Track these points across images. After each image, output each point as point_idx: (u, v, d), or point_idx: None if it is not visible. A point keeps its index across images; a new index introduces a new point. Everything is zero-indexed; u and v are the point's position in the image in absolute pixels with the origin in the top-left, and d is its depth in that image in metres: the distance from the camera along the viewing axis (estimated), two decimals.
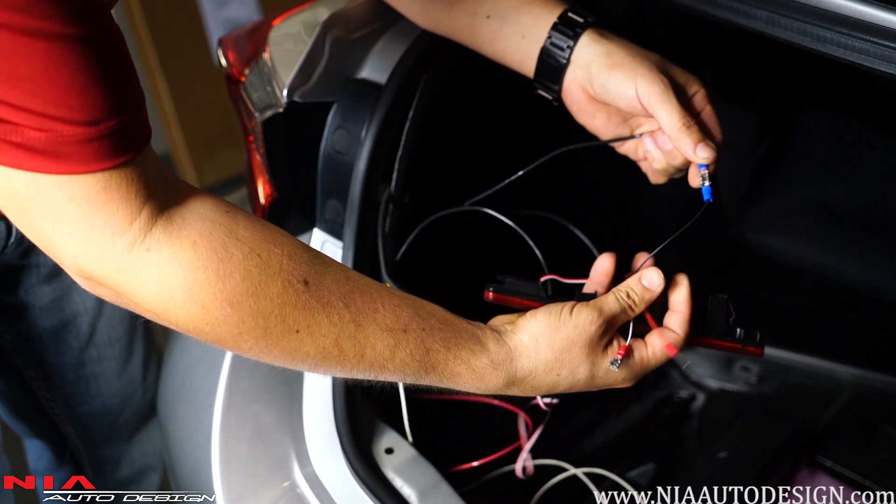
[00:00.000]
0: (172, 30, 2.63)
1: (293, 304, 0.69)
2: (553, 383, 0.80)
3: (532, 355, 0.79)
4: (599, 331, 0.79)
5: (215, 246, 0.66)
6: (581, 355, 0.79)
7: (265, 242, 0.69)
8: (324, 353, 0.71)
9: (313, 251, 0.73)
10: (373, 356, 0.73)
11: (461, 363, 0.77)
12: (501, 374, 0.78)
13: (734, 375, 1.51)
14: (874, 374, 1.43)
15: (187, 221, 0.66)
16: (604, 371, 0.81)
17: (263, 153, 1.06)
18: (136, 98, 0.63)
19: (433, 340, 0.76)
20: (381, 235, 1.00)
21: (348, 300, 0.72)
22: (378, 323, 0.73)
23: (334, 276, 0.72)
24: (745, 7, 0.89)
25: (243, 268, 0.67)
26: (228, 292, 0.66)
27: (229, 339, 0.68)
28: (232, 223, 0.68)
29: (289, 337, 0.69)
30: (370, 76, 1.02)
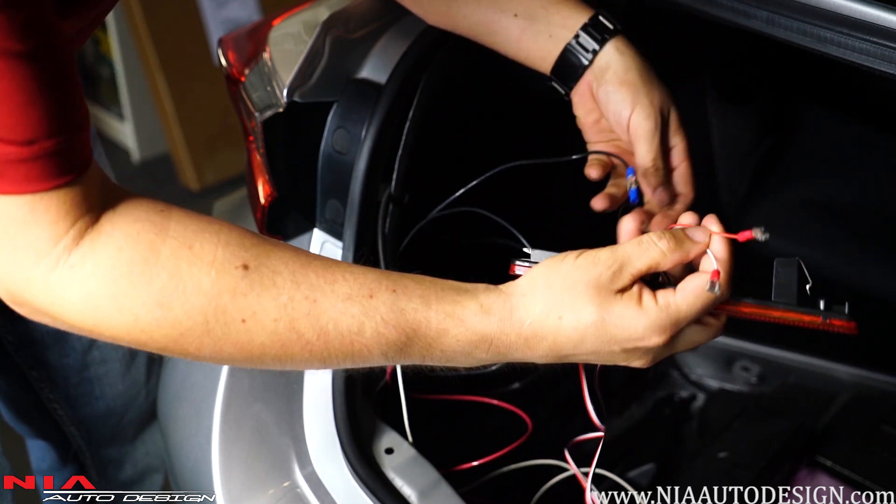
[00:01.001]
0: (172, 30, 2.63)
1: (231, 292, 0.63)
2: (556, 330, 0.68)
3: (528, 295, 0.69)
4: (608, 271, 0.68)
5: (141, 247, 0.62)
6: (585, 297, 0.68)
7: (200, 234, 0.64)
8: (281, 341, 0.65)
9: (259, 236, 0.68)
10: (338, 333, 0.66)
11: (446, 317, 0.67)
12: (494, 320, 0.68)
13: (734, 375, 1.51)
14: (874, 374, 1.43)
15: (116, 227, 0.63)
16: (618, 315, 0.68)
17: (263, 153, 1.06)
18: (79, 119, 0.61)
19: (408, 300, 0.67)
20: (381, 235, 1.00)
21: (298, 277, 0.65)
22: (337, 294, 0.66)
23: (281, 257, 0.66)
24: (745, 7, 0.89)
25: (171, 264, 0.63)
26: (156, 293, 0.62)
27: (171, 343, 0.64)
28: (164, 221, 0.64)
29: (235, 329, 0.64)
30: (370, 76, 1.02)
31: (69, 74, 0.60)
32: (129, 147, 2.96)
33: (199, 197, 2.74)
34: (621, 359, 0.72)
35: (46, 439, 1.38)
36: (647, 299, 0.70)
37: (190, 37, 2.67)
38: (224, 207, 1.40)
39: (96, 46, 2.89)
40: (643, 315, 0.69)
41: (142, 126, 2.91)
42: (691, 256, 0.72)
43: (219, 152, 2.80)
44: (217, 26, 2.69)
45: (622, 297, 0.69)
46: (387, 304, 0.67)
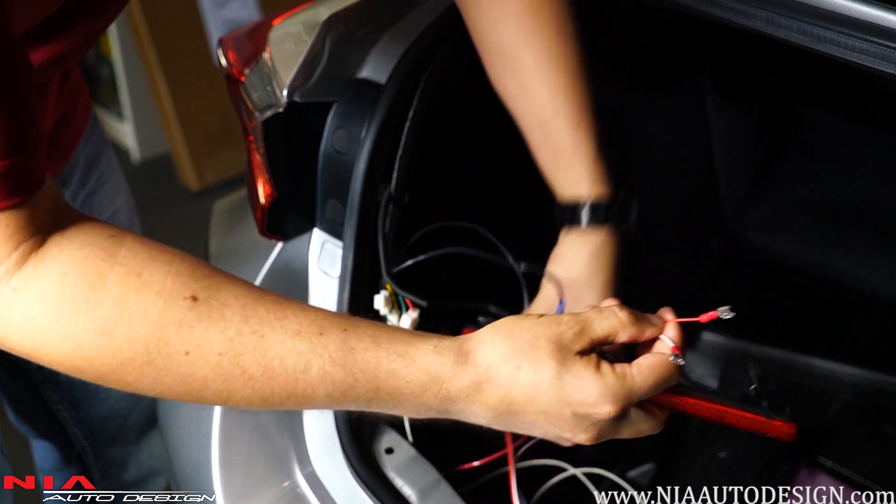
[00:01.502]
0: (172, 30, 2.63)
1: (177, 323, 0.61)
2: (512, 379, 0.66)
3: (487, 342, 0.67)
4: (570, 332, 0.68)
5: (87, 273, 0.61)
6: (547, 350, 0.67)
7: (150, 262, 0.62)
8: (224, 375, 0.63)
9: (212, 268, 0.65)
10: (283, 369, 0.63)
11: (397, 357, 0.65)
12: (448, 362, 0.66)
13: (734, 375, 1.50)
14: (874, 374, 1.43)
15: (63, 251, 0.61)
16: (575, 376, 0.67)
17: (263, 153, 1.06)
18: (32, 140, 0.59)
19: (358, 339, 0.65)
20: (382, 235, 1.00)
21: (248, 311, 0.63)
22: (286, 329, 0.64)
23: (232, 290, 0.64)
24: (745, 7, 0.89)
25: (117, 292, 0.61)
26: (99, 321, 0.60)
27: (110, 373, 0.62)
28: (114, 247, 0.62)
29: (178, 361, 0.62)
30: (370, 76, 1.02)
31: (25, 97, 0.59)
32: (129, 147, 2.96)
33: (199, 197, 2.74)
34: (568, 427, 0.69)
35: (50, 440, 1.38)
36: (605, 366, 0.69)
37: (190, 37, 2.67)
38: (224, 207, 1.39)
39: (96, 46, 2.90)
40: (600, 380, 0.67)
41: (142, 126, 2.91)
42: (646, 336, 0.72)
43: (219, 152, 2.80)
44: (217, 26, 2.69)
45: (581, 358, 0.68)
46: (336, 343, 0.65)
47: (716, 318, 0.72)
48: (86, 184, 1.15)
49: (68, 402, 1.32)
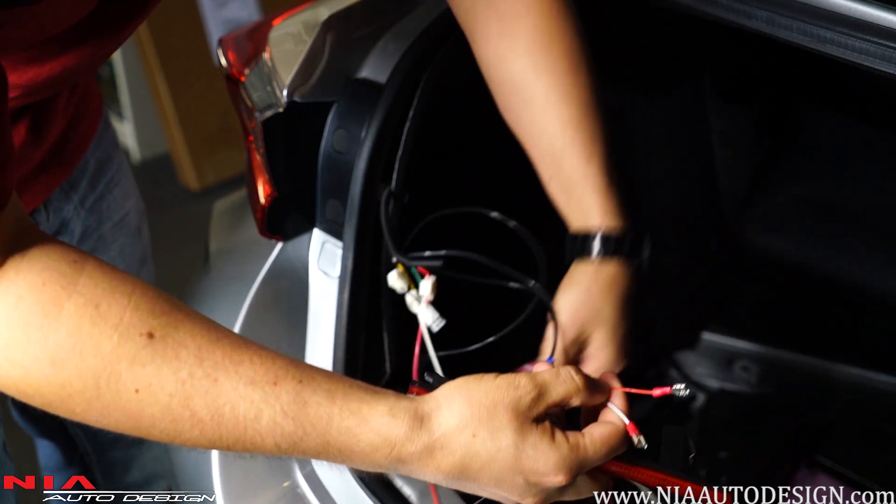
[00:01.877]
0: (172, 30, 2.63)
1: (130, 360, 0.60)
2: (468, 450, 0.65)
3: (443, 406, 0.66)
4: (528, 397, 0.67)
5: (43, 300, 0.59)
6: (504, 418, 0.65)
7: (110, 293, 0.60)
8: (172, 416, 0.61)
9: (174, 304, 0.64)
10: (233, 416, 0.62)
11: (350, 416, 0.64)
12: (402, 426, 0.64)
13: (734, 375, 1.51)
14: (874, 374, 1.43)
15: (21, 275, 0.59)
16: (532, 445, 0.66)
17: (263, 153, 1.06)
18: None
19: (312, 392, 0.63)
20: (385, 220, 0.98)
21: (204, 353, 0.62)
22: (241, 376, 0.62)
23: (191, 330, 0.62)
24: (745, 7, 0.89)
25: (73, 322, 0.59)
26: (50, 350, 0.59)
27: (58, 402, 0.61)
28: (75, 274, 0.60)
29: (126, 398, 0.60)
30: (370, 76, 1.02)
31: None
32: (129, 147, 2.96)
33: (199, 197, 2.74)
34: (517, 492, 0.68)
35: (53, 440, 1.38)
36: (559, 436, 0.68)
37: (190, 37, 2.67)
38: (224, 207, 1.40)
39: None
40: (554, 450, 0.67)
41: (142, 126, 2.91)
42: (595, 401, 0.73)
43: (219, 152, 2.80)
44: (217, 26, 2.69)
45: (537, 427, 0.67)
46: (290, 395, 0.63)
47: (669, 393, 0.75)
48: (95, 188, 1.15)
49: None
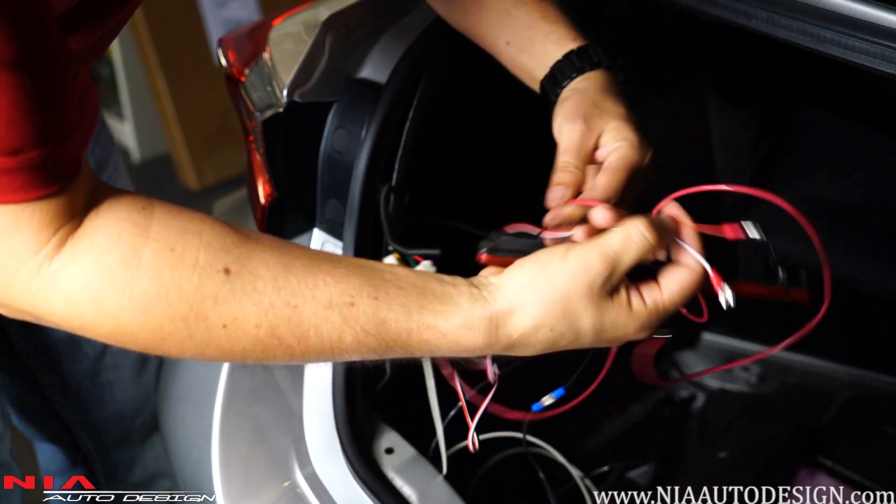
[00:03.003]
0: (172, 30, 2.63)
1: (213, 299, 0.63)
2: (550, 340, 0.68)
3: (518, 310, 0.67)
4: (600, 277, 0.67)
5: (123, 251, 0.62)
6: (580, 306, 0.67)
7: (182, 235, 0.63)
8: (262, 346, 0.65)
9: (242, 234, 0.66)
10: (318, 339, 0.65)
11: (427, 329, 0.67)
12: (479, 335, 0.67)
13: (734, 375, 1.51)
14: (874, 374, 1.44)
15: (99, 230, 0.62)
16: (611, 322, 0.68)
17: (263, 153, 1.06)
18: (67, 129, 0.60)
19: (389, 309, 0.66)
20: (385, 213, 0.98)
21: (281, 282, 0.65)
22: (318, 300, 0.65)
23: (262, 258, 0.65)
24: (745, 7, 0.89)
25: (153, 269, 0.62)
26: (138, 299, 0.62)
27: (153, 345, 0.64)
28: (146, 221, 0.63)
29: (217, 335, 0.64)
30: (370, 76, 1.02)
31: (61, 85, 0.60)
32: (129, 147, 2.96)
33: (199, 197, 2.74)
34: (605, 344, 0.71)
35: (56, 442, 1.38)
36: (637, 302, 0.69)
37: (190, 37, 2.67)
38: (224, 207, 1.40)
39: None
40: (633, 319, 0.69)
41: (142, 126, 2.91)
42: (668, 243, 0.72)
43: (219, 152, 2.80)
44: (217, 26, 2.69)
45: (613, 301, 0.68)
46: (367, 314, 0.66)
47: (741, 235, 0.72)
48: None
49: (76, 405, 1.32)
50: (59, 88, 0.59)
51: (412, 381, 1.04)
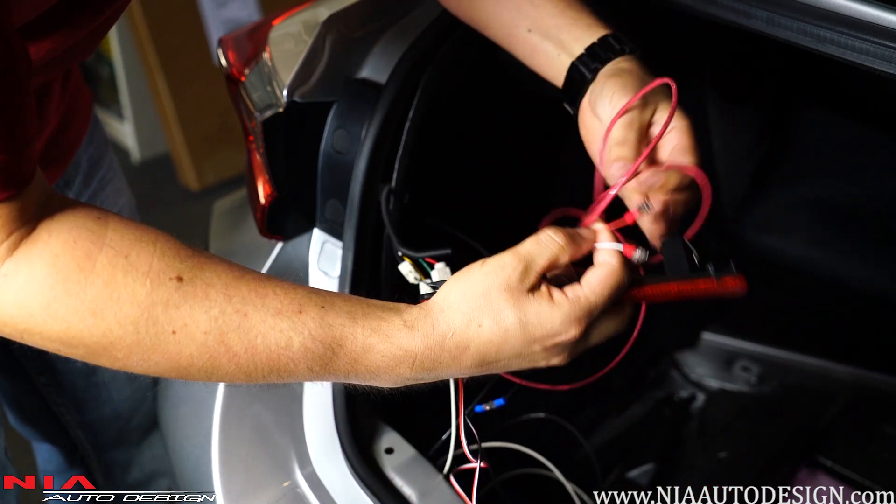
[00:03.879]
0: (172, 30, 2.63)
1: (164, 304, 0.64)
2: (477, 338, 0.70)
3: (446, 308, 0.70)
4: (515, 273, 0.70)
5: (77, 255, 0.63)
6: (500, 300, 0.69)
7: (136, 243, 0.64)
8: (209, 353, 0.65)
9: (195, 249, 0.68)
10: (266, 347, 0.66)
11: (372, 332, 0.68)
12: (418, 336, 0.69)
13: (734, 375, 1.51)
14: (874, 374, 1.44)
15: (53, 235, 0.63)
16: (535, 314, 0.70)
17: (263, 153, 1.06)
18: (24, 138, 0.61)
19: (335, 315, 0.68)
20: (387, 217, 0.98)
21: (231, 291, 0.66)
22: (267, 308, 0.66)
23: (215, 269, 0.67)
24: (745, 7, 0.89)
25: (107, 273, 0.63)
26: (90, 301, 0.62)
27: (101, 351, 0.65)
28: (101, 228, 0.64)
29: (165, 340, 0.64)
30: (370, 76, 1.02)
31: (20, 95, 0.60)
32: (129, 147, 2.96)
33: (199, 197, 2.74)
34: (541, 358, 0.72)
35: (53, 443, 1.38)
36: (558, 295, 0.71)
37: (190, 37, 2.67)
38: (224, 207, 1.40)
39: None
40: (557, 310, 0.70)
41: (142, 126, 2.91)
42: (584, 250, 0.75)
43: (219, 152, 2.80)
44: (217, 26, 2.69)
45: (534, 295, 0.70)
46: (315, 320, 0.67)
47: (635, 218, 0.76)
48: (89, 185, 1.16)
49: (72, 405, 1.32)
50: (17, 98, 0.59)
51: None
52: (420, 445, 1.01)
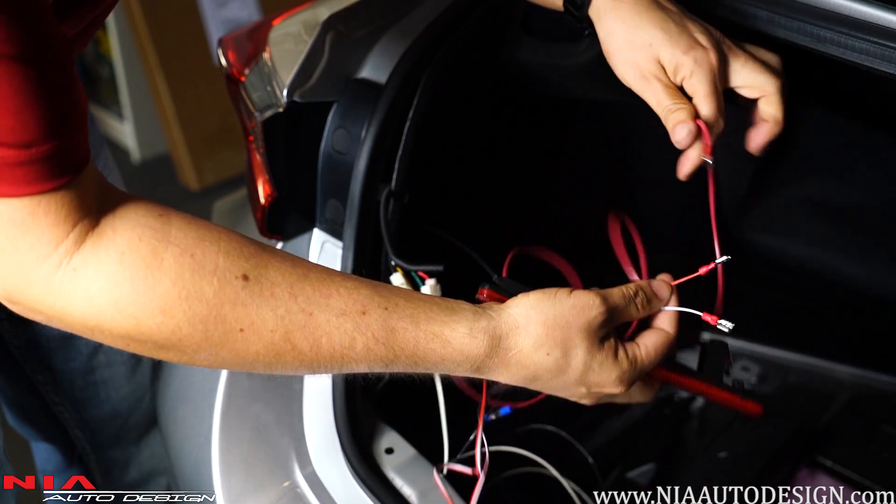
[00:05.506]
0: (172, 30, 2.63)
1: (232, 303, 0.65)
2: (542, 366, 0.72)
3: (520, 326, 0.72)
4: (600, 318, 0.73)
5: (144, 254, 0.63)
6: (578, 338, 0.72)
7: (200, 242, 0.65)
8: (276, 351, 0.67)
9: (257, 245, 0.69)
10: (330, 346, 0.68)
11: (434, 338, 0.70)
12: (481, 345, 0.71)
13: (734, 375, 1.51)
14: (874, 374, 1.43)
15: (118, 232, 0.63)
16: (599, 364, 0.73)
17: (263, 153, 1.06)
18: (76, 120, 0.61)
19: (398, 318, 0.70)
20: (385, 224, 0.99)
21: (296, 290, 0.67)
22: (332, 308, 0.68)
23: (279, 268, 0.68)
24: (745, 7, 0.89)
25: (174, 272, 0.63)
26: (159, 300, 0.63)
27: (170, 347, 0.65)
28: (164, 226, 0.65)
29: (233, 338, 0.66)
30: (370, 76, 1.02)
31: (68, 76, 0.60)
32: (129, 147, 2.96)
33: (199, 197, 2.74)
34: (576, 397, 0.77)
35: (51, 442, 1.38)
36: (621, 353, 0.75)
37: (190, 37, 2.67)
38: (224, 207, 1.40)
39: (96, 46, 2.89)
40: (617, 367, 0.74)
41: (142, 126, 2.91)
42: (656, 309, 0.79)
43: (219, 152, 2.80)
44: (217, 26, 2.69)
45: (604, 346, 0.74)
46: (378, 322, 0.69)
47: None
48: None
49: (70, 404, 1.32)
50: (64, 79, 0.60)
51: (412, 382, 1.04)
52: (420, 445, 1.01)
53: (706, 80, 0.83)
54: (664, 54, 0.83)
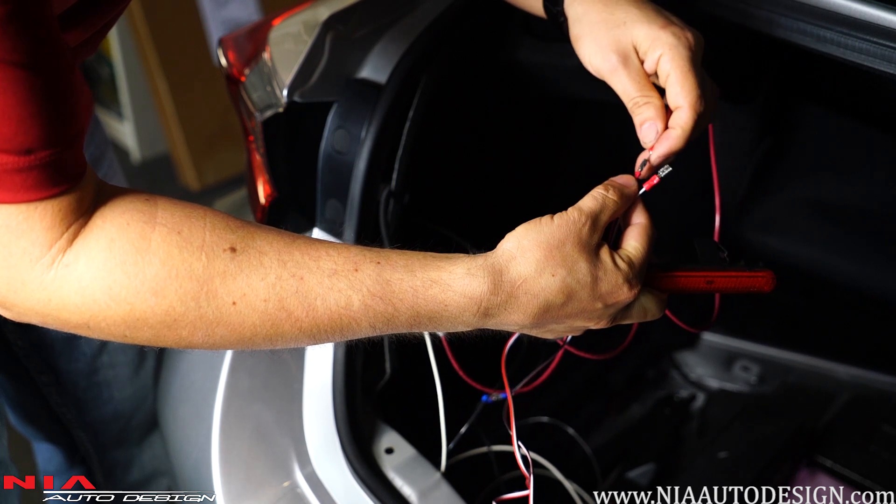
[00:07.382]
0: (172, 30, 2.63)
1: (222, 275, 0.65)
2: (549, 287, 0.69)
3: (520, 256, 0.70)
4: (588, 226, 0.71)
5: (132, 237, 0.63)
6: (575, 252, 0.70)
7: (187, 219, 0.65)
8: (272, 320, 0.66)
9: (242, 221, 0.69)
10: (326, 308, 0.66)
11: (432, 284, 0.68)
12: (483, 280, 0.68)
13: (734, 375, 1.51)
14: (874, 374, 1.44)
15: (107, 220, 0.64)
16: (604, 271, 0.71)
17: (263, 153, 1.06)
18: (76, 129, 0.61)
19: (392, 270, 0.68)
20: (384, 224, 0.99)
21: (284, 256, 0.67)
22: (322, 270, 0.67)
23: (266, 237, 0.67)
24: (745, 7, 0.89)
25: (163, 251, 0.63)
26: (150, 281, 0.63)
27: (166, 330, 0.65)
28: (151, 209, 0.65)
29: (227, 312, 0.65)
30: (370, 76, 1.02)
31: (70, 85, 0.60)
32: (129, 147, 2.96)
33: (199, 197, 2.74)
34: (595, 316, 0.73)
35: (54, 443, 1.38)
36: (617, 257, 0.73)
37: (190, 37, 2.67)
38: (224, 207, 1.40)
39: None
40: (620, 271, 0.72)
41: (142, 126, 2.91)
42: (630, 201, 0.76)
43: (219, 152, 2.80)
44: (217, 26, 2.69)
45: (601, 255, 0.72)
46: (372, 277, 0.67)
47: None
48: None
49: (73, 405, 1.32)
50: (67, 88, 0.60)
51: (412, 382, 1.04)
52: (420, 445, 1.01)
53: (683, 56, 0.80)
54: (639, 31, 0.81)
